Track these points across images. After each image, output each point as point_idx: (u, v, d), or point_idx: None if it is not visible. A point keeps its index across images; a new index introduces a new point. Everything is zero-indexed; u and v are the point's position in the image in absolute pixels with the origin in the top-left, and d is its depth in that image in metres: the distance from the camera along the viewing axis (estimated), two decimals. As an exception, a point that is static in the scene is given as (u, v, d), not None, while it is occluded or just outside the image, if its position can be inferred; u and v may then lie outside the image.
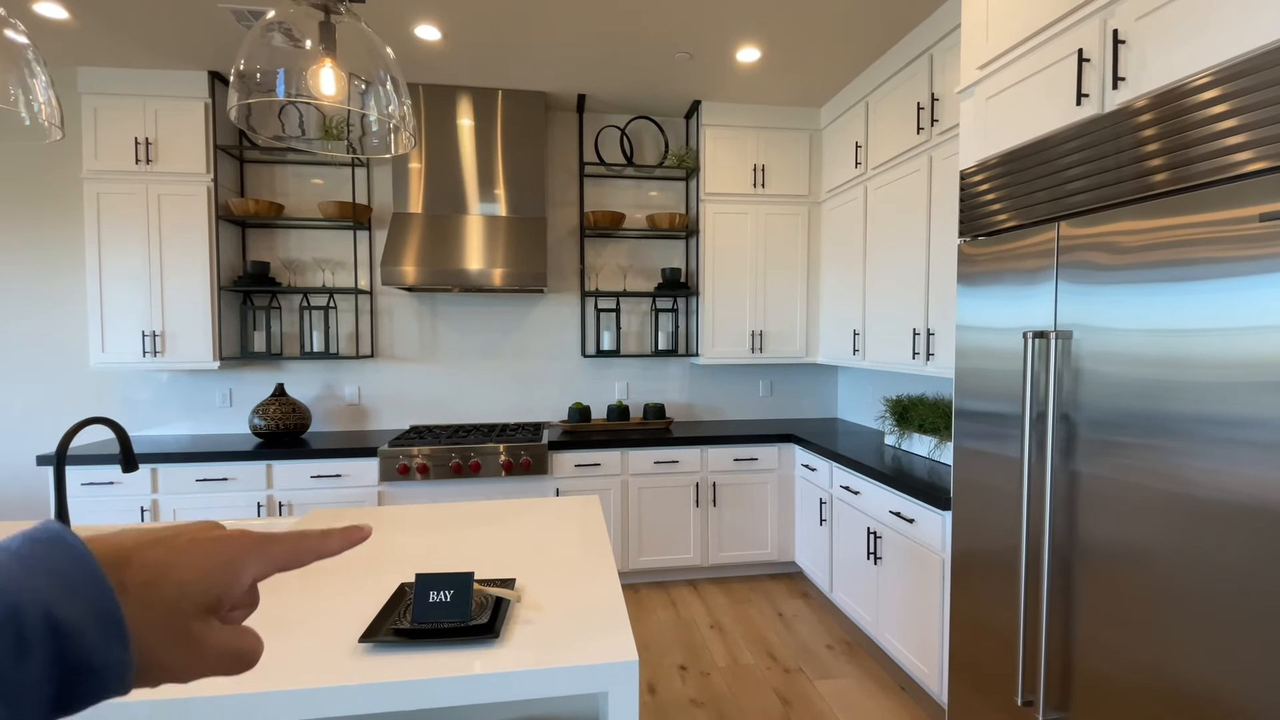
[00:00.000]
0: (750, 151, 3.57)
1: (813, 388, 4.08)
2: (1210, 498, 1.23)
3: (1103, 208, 1.46)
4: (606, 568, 1.43)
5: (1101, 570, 1.47)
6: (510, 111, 3.34)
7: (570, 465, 3.18)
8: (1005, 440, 1.77)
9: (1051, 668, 1.62)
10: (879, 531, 2.52)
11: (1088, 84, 1.52)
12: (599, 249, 3.78)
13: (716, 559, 3.37)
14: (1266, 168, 1.12)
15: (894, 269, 2.89)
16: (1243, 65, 1.16)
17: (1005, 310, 1.77)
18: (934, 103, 2.56)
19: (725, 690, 2.39)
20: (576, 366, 3.78)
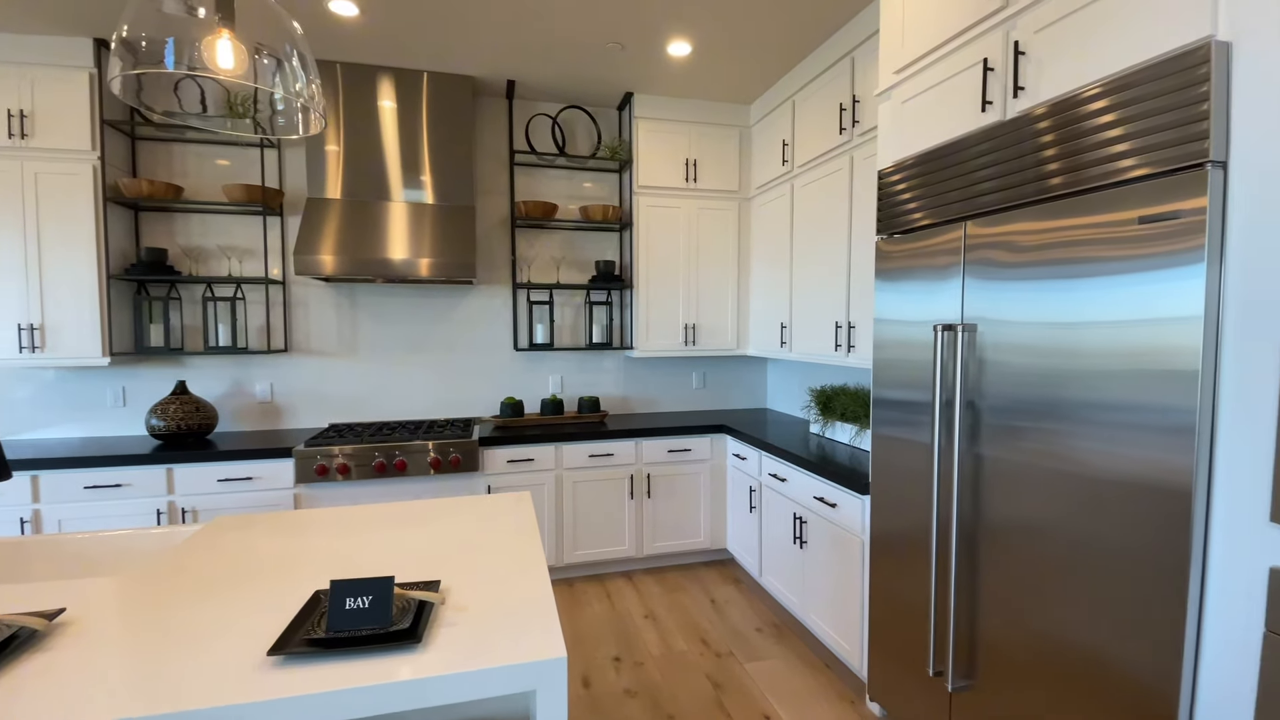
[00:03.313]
0: (682, 146, 3.60)
1: (744, 379, 4.17)
2: (1097, 475, 1.34)
3: (1004, 209, 1.56)
4: (536, 565, 1.41)
5: (1003, 546, 1.58)
6: (436, 95, 3.22)
7: (502, 461, 3.12)
8: (918, 426, 1.87)
9: (959, 639, 1.73)
10: (804, 517, 2.62)
11: (992, 92, 1.62)
12: (531, 240, 3.71)
13: (651, 549, 3.40)
14: (1147, 174, 1.23)
15: (818, 264, 2.99)
16: (1127, 78, 1.26)
17: (918, 304, 1.86)
18: (855, 104, 2.66)
19: (659, 678, 2.42)
20: (509, 360, 3.71)
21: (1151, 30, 1.24)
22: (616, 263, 3.84)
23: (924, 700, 1.86)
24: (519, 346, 3.67)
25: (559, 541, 3.26)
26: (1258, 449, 1.09)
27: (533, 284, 3.54)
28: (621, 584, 3.30)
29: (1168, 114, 1.18)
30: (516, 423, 3.43)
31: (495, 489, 3.12)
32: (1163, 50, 1.22)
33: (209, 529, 1.67)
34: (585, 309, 3.81)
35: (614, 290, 3.83)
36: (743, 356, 4.15)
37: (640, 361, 3.94)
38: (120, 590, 1.27)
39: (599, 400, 3.69)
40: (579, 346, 3.67)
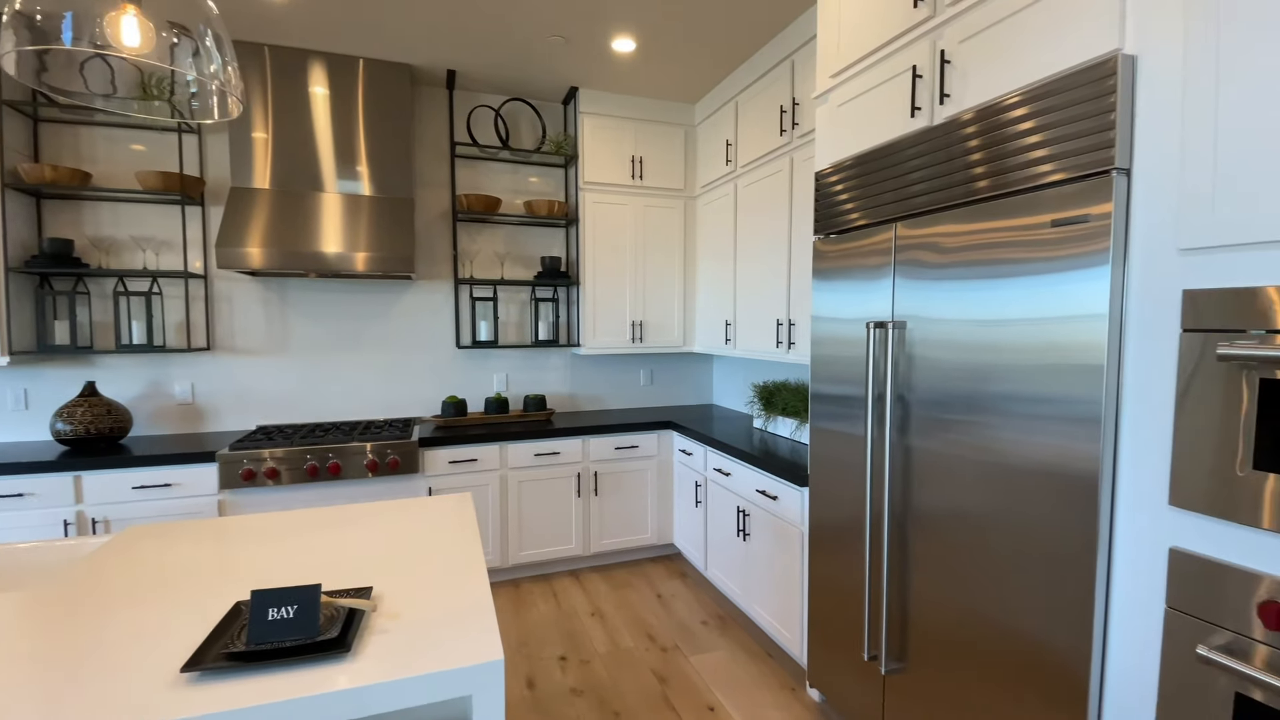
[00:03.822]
0: (629, 143, 3.59)
1: (690, 376, 4.21)
2: (1016, 464, 1.42)
3: (931, 211, 1.63)
4: (475, 567, 1.38)
5: (932, 533, 1.65)
6: (373, 83, 3.10)
7: (444, 462, 3.04)
8: (852, 420, 1.93)
9: (892, 623, 1.80)
10: (747, 510, 2.67)
11: (920, 98, 1.68)
12: (473, 234, 3.63)
13: (598, 547, 3.39)
14: (1063, 179, 1.30)
15: (761, 263, 3.05)
16: (1044, 87, 1.33)
17: (853, 303, 1.92)
18: (795, 107, 2.72)
19: (605, 676, 2.42)
20: (451, 358, 3.62)
21: (1065, 43, 1.32)
22: (563, 259, 3.80)
23: (860, 684, 1.93)
24: (461, 344, 3.59)
25: (504, 542, 3.20)
26: (1158, 437, 1.17)
27: (475, 279, 3.46)
28: (569, 583, 3.28)
29: (1080, 123, 1.26)
30: (459, 422, 3.36)
31: (437, 491, 3.04)
32: (1076, 62, 1.30)
33: (120, 539, 1.56)
34: (531, 306, 3.76)
35: (560, 287, 3.79)
36: (690, 353, 4.19)
37: (587, 359, 3.92)
38: (18, 607, 1.17)
39: (545, 398, 3.65)
40: (524, 344, 3.62)
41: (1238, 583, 1.05)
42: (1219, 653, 1.05)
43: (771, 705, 2.24)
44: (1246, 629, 1.04)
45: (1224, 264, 1.07)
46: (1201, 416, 1.09)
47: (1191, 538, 1.12)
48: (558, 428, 3.27)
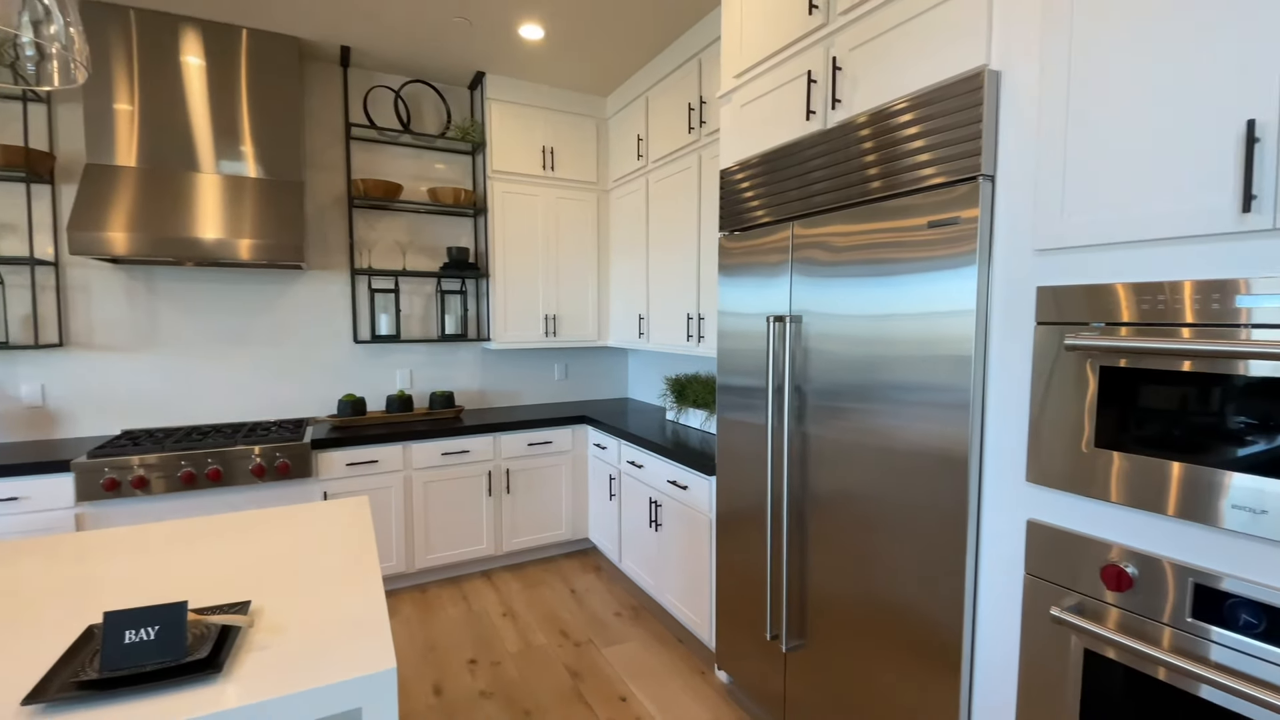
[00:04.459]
0: (539, 132, 3.53)
1: (606, 370, 4.22)
2: (900, 448, 1.52)
3: (823, 211, 1.71)
4: (369, 574, 1.31)
5: (827, 515, 1.74)
6: (257, 56, 2.86)
7: (341, 465, 2.87)
8: (755, 410, 2.01)
9: (792, 603, 1.88)
10: (659, 500, 2.71)
11: (815, 102, 1.76)
12: (372, 222, 3.43)
13: (511, 545, 3.33)
14: (942, 182, 1.40)
15: (672, 258, 3.09)
16: (925, 96, 1.42)
17: (755, 298, 1.98)
18: (702, 105, 2.77)
19: (516, 675, 2.38)
20: (348, 354, 3.41)
21: (941, 56, 1.42)
22: (471, 250, 3.68)
23: (763, 663, 2.01)
24: (360, 338, 3.40)
25: (409, 546, 3.07)
26: (1017, 420, 1.29)
27: (375, 270, 3.28)
28: (480, 584, 3.20)
29: (954, 131, 1.36)
30: (358, 422, 3.18)
31: (333, 495, 2.87)
32: (950, 75, 1.40)
33: (-60, 565, 1.36)
34: (437, 298, 3.61)
35: (469, 279, 3.67)
36: (605, 347, 4.19)
37: (499, 353, 3.83)
38: None
39: (453, 395, 3.53)
40: (430, 338, 3.47)
41: (1085, 550, 1.18)
42: (1070, 613, 1.18)
43: (682, 690, 2.29)
44: (1093, 591, 1.17)
45: (1072, 263, 1.19)
46: (1053, 401, 1.21)
47: (1046, 510, 1.25)
48: (467, 425, 3.17)
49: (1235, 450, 0.96)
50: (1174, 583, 1.05)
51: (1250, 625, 0.96)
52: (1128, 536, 1.12)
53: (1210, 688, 1.00)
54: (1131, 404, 1.09)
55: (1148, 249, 1.08)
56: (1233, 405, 0.96)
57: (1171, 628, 1.05)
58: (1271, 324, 0.93)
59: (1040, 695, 1.25)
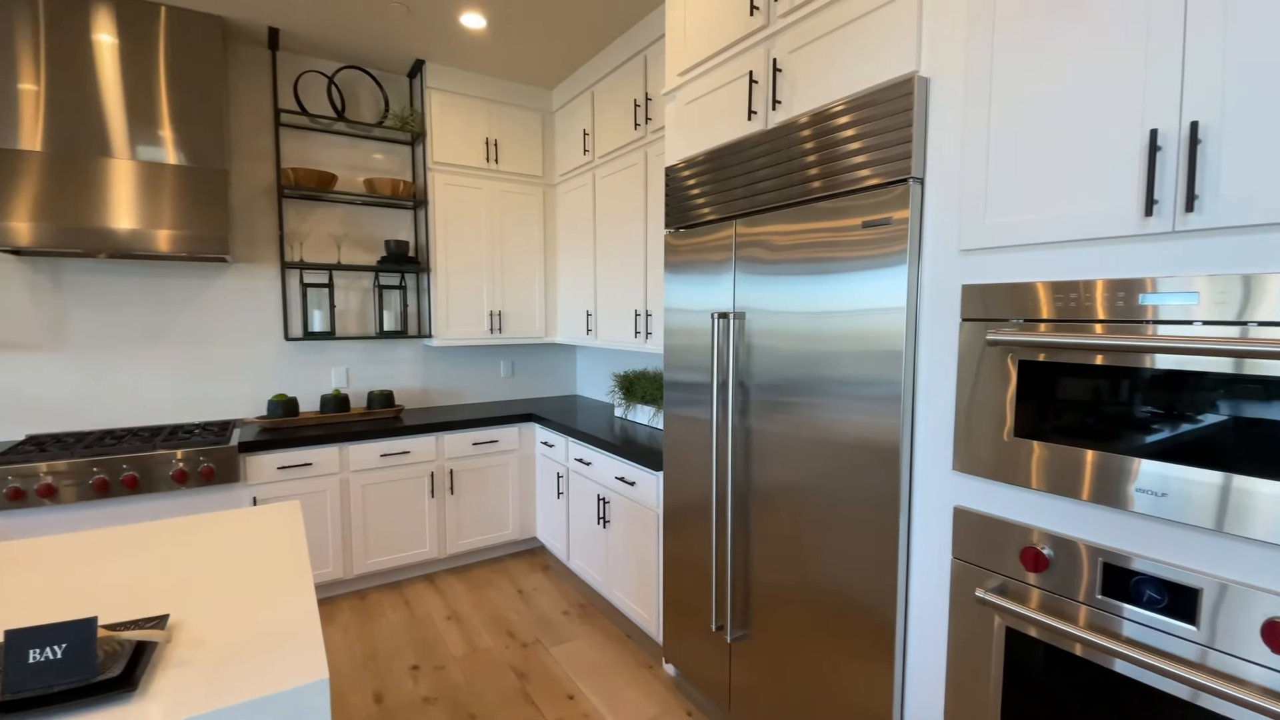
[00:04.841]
0: (482, 124, 3.45)
1: (554, 367, 4.17)
2: (838, 439, 1.56)
3: (765, 210, 1.74)
4: (300, 581, 1.25)
5: (770, 507, 1.78)
6: (177, 35, 2.67)
7: (272, 468, 2.74)
8: (701, 406, 2.03)
9: (736, 594, 1.92)
10: (608, 497, 2.70)
11: (756, 102, 1.79)
12: (304, 213, 3.28)
13: (456, 548, 3.26)
14: (877, 184, 1.44)
15: (620, 254, 3.08)
16: (861, 100, 1.47)
17: (700, 295, 2.00)
18: (648, 102, 2.77)
19: (461, 679, 2.33)
20: (278, 352, 3.25)
21: (876, 61, 1.46)
22: (411, 243, 3.57)
23: (709, 654, 2.04)
24: (291, 335, 3.24)
25: (347, 552, 2.96)
26: (944, 412, 1.35)
27: (307, 264, 3.14)
28: (423, 588, 3.12)
29: (888, 134, 1.40)
30: (290, 423, 3.03)
31: (263, 500, 2.73)
32: (884, 79, 1.45)
33: None
34: (375, 293, 3.49)
35: (409, 274, 3.56)
36: (553, 344, 4.15)
37: (441, 351, 3.73)
38: None
39: (393, 394, 3.41)
40: (368, 335, 3.35)
41: (1008, 534, 1.24)
42: (993, 594, 1.24)
43: (629, 685, 2.30)
44: (1014, 573, 1.24)
45: (994, 263, 1.25)
46: (977, 394, 1.27)
47: (971, 497, 1.31)
48: (407, 425, 3.08)
49: (1142, 438, 1.04)
50: (1087, 563, 1.12)
51: (1154, 601, 1.04)
52: (1046, 521, 1.19)
53: (1121, 661, 1.07)
54: (1049, 396, 1.15)
55: (1063, 250, 1.14)
56: (1139, 396, 1.04)
57: (1085, 605, 1.13)
58: (1172, 320, 1.00)
59: (967, 673, 1.32)
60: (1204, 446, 0.97)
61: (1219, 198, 0.94)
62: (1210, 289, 0.96)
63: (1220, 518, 0.95)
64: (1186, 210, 0.97)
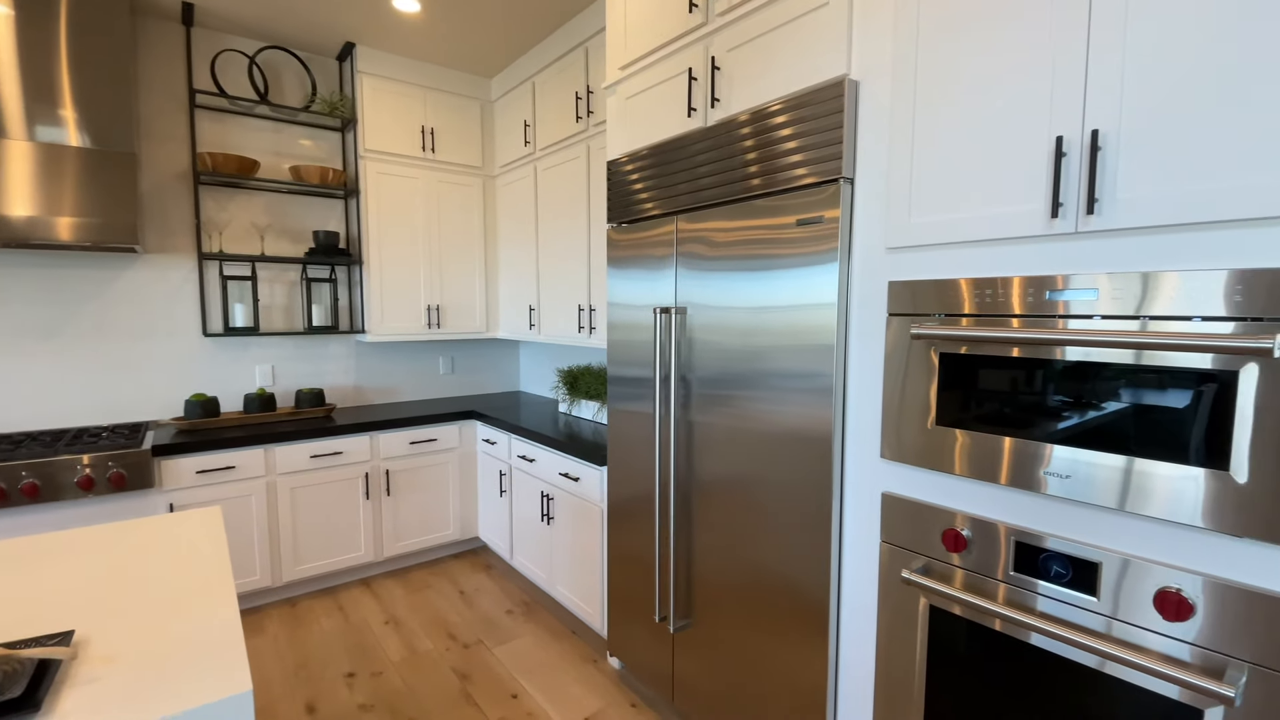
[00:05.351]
0: (418, 112, 3.34)
1: (496, 362, 4.10)
2: (776, 431, 1.61)
3: (705, 207, 1.76)
4: (220, 591, 1.19)
5: (711, 498, 1.81)
6: (79, 7, 2.45)
7: (190, 473, 2.57)
8: (644, 400, 2.04)
9: (679, 585, 1.94)
10: (551, 494, 2.68)
11: (695, 100, 1.80)
12: (223, 201, 3.09)
13: (393, 550, 3.16)
14: (812, 183, 1.48)
15: (562, 248, 3.06)
16: (797, 100, 1.50)
17: (643, 290, 2.01)
18: (589, 95, 2.75)
19: (400, 684, 2.27)
20: (196, 348, 3.06)
21: (810, 63, 1.50)
22: (342, 234, 3.42)
23: (653, 645, 2.07)
24: (210, 331, 3.05)
25: (275, 558, 2.82)
26: (872, 402, 1.41)
27: (227, 255, 2.96)
28: (358, 593, 3.01)
29: (821, 134, 1.45)
30: (210, 424, 2.86)
31: (181, 507, 2.57)
32: (817, 81, 1.49)
33: None
34: (302, 287, 3.32)
35: (339, 266, 3.41)
36: (494, 340, 4.07)
37: (376, 347, 3.60)
38: None
39: (323, 392, 3.27)
40: (295, 331, 3.19)
41: (932, 518, 1.31)
42: (918, 574, 1.31)
43: (574, 680, 2.29)
44: (936, 554, 1.31)
45: (918, 261, 1.32)
46: (902, 385, 1.34)
47: (897, 483, 1.38)
48: (339, 425, 2.96)
49: (1053, 425, 1.11)
50: (1003, 542, 1.20)
51: (1060, 575, 1.12)
52: (968, 504, 1.26)
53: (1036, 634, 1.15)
54: (970, 386, 1.22)
55: (982, 248, 1.21)
56: (1051, 386, 1.11)
57: (1002, 582, 1.20)
58: (1077, 315, 1.08)
59: (895, 649, 1.39)
60: (1108, 432, 1.05)
61: (1116, 201, 1.02)
62: (1109, 285, 1.04)
63: (1122, 498, 1.04)
64: (1088, 213, 1.05)
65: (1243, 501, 0.91)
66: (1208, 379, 0.94)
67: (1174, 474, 0.97)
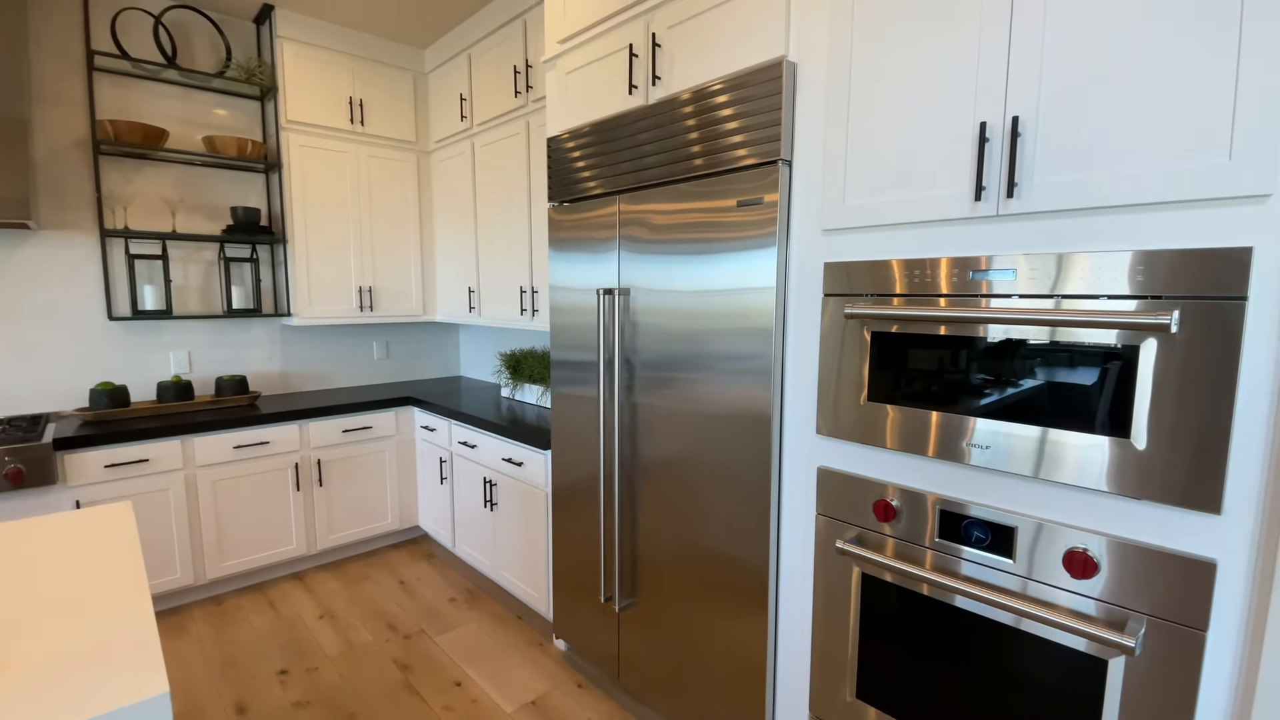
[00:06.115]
0: (345, 82, 3.16)
1: (435, 347, 3.97)
2: (718, 412, 1.63)
3: (647, 187, 1.75)
4: (132, 590, 1.11)
5: (656, 479, 1.82)
6: (-65, -55, 2.18)
7: (98, 467, 2.38)
8: (588, 384, 2.03)
9: (624, 565, 1.96)
10: (494, 479, 2.64)
11: (636, 77, 1.78)
12: (129, 174, 2.84)
13: (328, 543, 3.04)
14: (753, 164, 1.49)
15: (502, 228, 2.98)
16: (737, 80, 1.50)
17: (585, 273, 1.99)
18: (528, 69, 2.68)
19: (337, 679, 2.19)
20: (102, 333, 2.82)
21: (750, 43, 1.50)
22: (263, 211, 3.22)
23: (598, 625, 2.08)
24: (117, 315, 2.82)
25: (197, 555, 2.66)
26: (808, 381, 1.45)
27: (134, 232, 2.73)
28: (290, 588, 2.88)
29: (761, 115, 1.45)
30: (119, 415, 2.65)
31: (89, 503, 2.38)
32: (756, 61, 1.49)
33: None
34: (220, 267, 3.11)
35: (261, 245, 3.21)
36: (432, 323, 3.94)
37: (303, 331, 3.42)
38: None
39: (246, 380, 3.09)
40: (214, 314, 2.99)
41: (862, 490, 1.36)
42: (850, 544, 1.36)
43: (520, 664, 2.28)
44: (868, 524, 1.36)
45: (852, 242, 1.35)
46: (837, 363, 1.37)
47: (832, 458, 1.42)
48: (265, 413, 2.80)
49: (976, 400, 1.17)
50: (930, 511, 1.26)
51: (980, 540, 1.19)
52: (899, 476, 1.31)
53: (959, 596, 1.22)
54: (900, 364, 1.27)
55: (913, 230, 1.25)
56: (975, 363, 1.17)
57: (929, 549, 1.27)
58: (998, 294, 1.13)
59: (830, 616, 1.44)
60: (1025, 405, 1.11)
61: (1034, 185, 1.07)
62: (1027, 266, 1.09)
63: (1037, 466, 1.10)
64: (1008, 196, 1.10)
65: (1142, 466, 0.99)
66: (1113, 354, 1.00)
67: (1082, 443, 1.04)
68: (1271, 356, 0.89)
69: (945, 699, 1.26)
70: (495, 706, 2.06)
